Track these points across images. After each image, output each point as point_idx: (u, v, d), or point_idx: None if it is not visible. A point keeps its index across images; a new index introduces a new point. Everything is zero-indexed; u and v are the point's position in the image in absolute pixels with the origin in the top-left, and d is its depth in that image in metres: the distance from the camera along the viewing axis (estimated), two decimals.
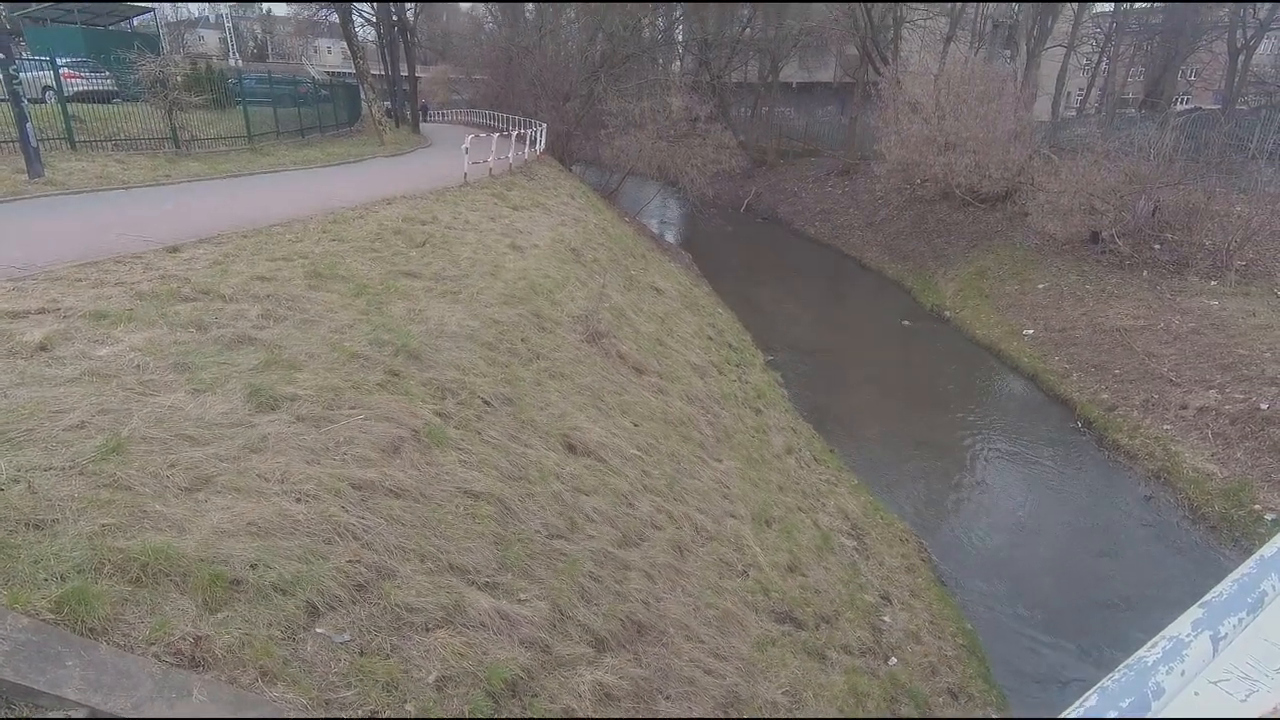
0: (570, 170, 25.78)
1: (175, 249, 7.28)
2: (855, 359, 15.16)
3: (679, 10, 32.96)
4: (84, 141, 13.64)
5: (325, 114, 23.70)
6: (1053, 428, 11.83)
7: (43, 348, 4.46)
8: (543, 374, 6.78)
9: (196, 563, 2.84)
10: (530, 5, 35.98)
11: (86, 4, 26.94)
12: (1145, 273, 15.61)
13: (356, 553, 3.36)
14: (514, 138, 18.97)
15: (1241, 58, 25.52)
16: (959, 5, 26.04)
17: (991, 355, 14.95)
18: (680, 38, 36.33)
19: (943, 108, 19.71)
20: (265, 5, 61.73)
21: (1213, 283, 14.65)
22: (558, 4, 32.13)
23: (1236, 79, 25.70)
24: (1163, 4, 27.80)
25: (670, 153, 22.55)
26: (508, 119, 26.28)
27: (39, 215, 8.79)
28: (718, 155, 23.23)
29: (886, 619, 5.93)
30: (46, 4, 25.06)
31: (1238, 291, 14.01)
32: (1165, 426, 10.80)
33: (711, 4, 32.04)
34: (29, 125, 10.46)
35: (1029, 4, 28.51)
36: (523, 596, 3.71)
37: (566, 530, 4.61)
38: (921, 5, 27.04)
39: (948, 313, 17.45)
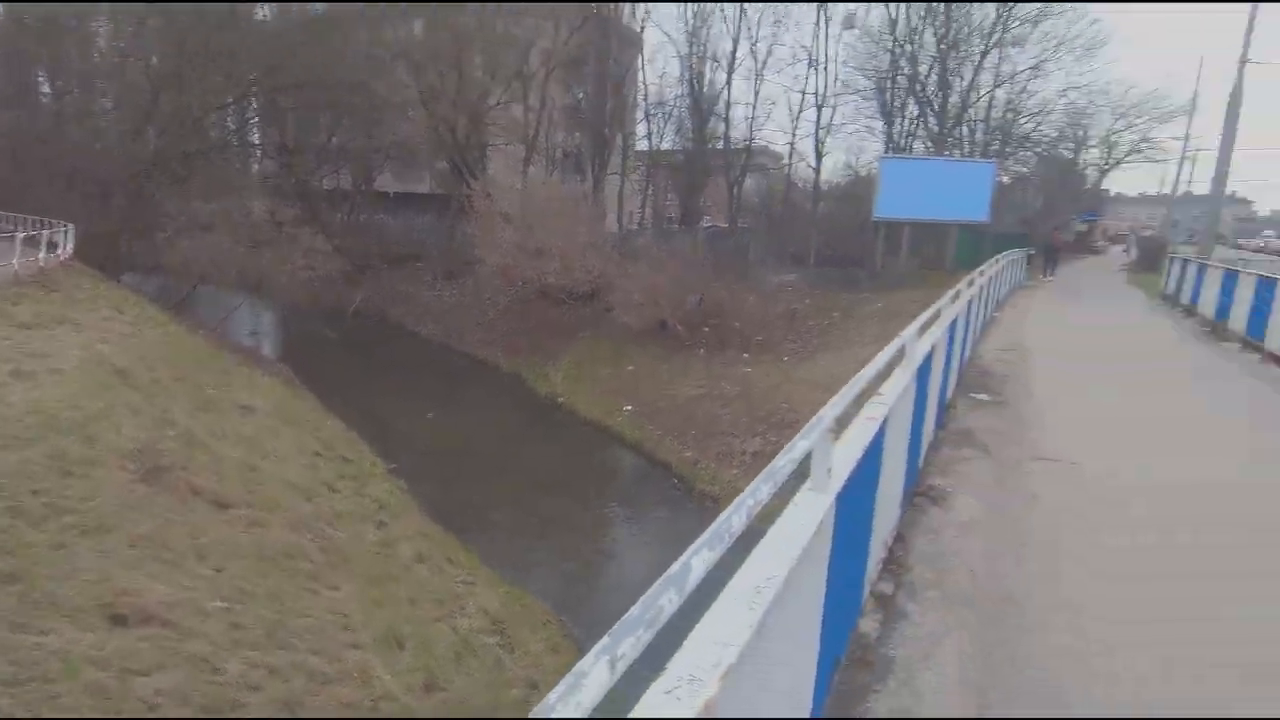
0: (119, 280, 21.21)
1: None
2: (484, 453, 15.20)
3: (250, 111, 30.75)
4: None
5: None
6: (658, 488, 13.46)
7: None
8: (70, 532, 5.13)
9: None
10: (46, 87, 29.56)
11: None
12: (701, 351, 19.28)
13: None
14: (19, 240, 14.88)
15: (735, 189, 34.54)
16: (532, 134, 29.81)
17: (600, 432, 16.53)
18: (257, 139, 33.73)
19: (529, 219, 21.95)
20: None
21: (744, 355, 18.81)
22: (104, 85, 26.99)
23: (734, 205, 34.60)
24: (681, 148, 36.25)
25: (253, 258, 20.30)
26: (15, 219, 20.60)
27: None
28: (311, 261, 21.77)
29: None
30: None
31: (759, 361, 18.23)
32: (734, 471, 13.20)
33: (290, 110, 30.65)
34: None
35: (590, 138, 34.23)
36: None
37: None
38: (502, 130, 30.18)
39: (560, 399, 18.89)
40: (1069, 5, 27.95)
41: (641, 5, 31.68)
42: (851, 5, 45.45)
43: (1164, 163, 40.47)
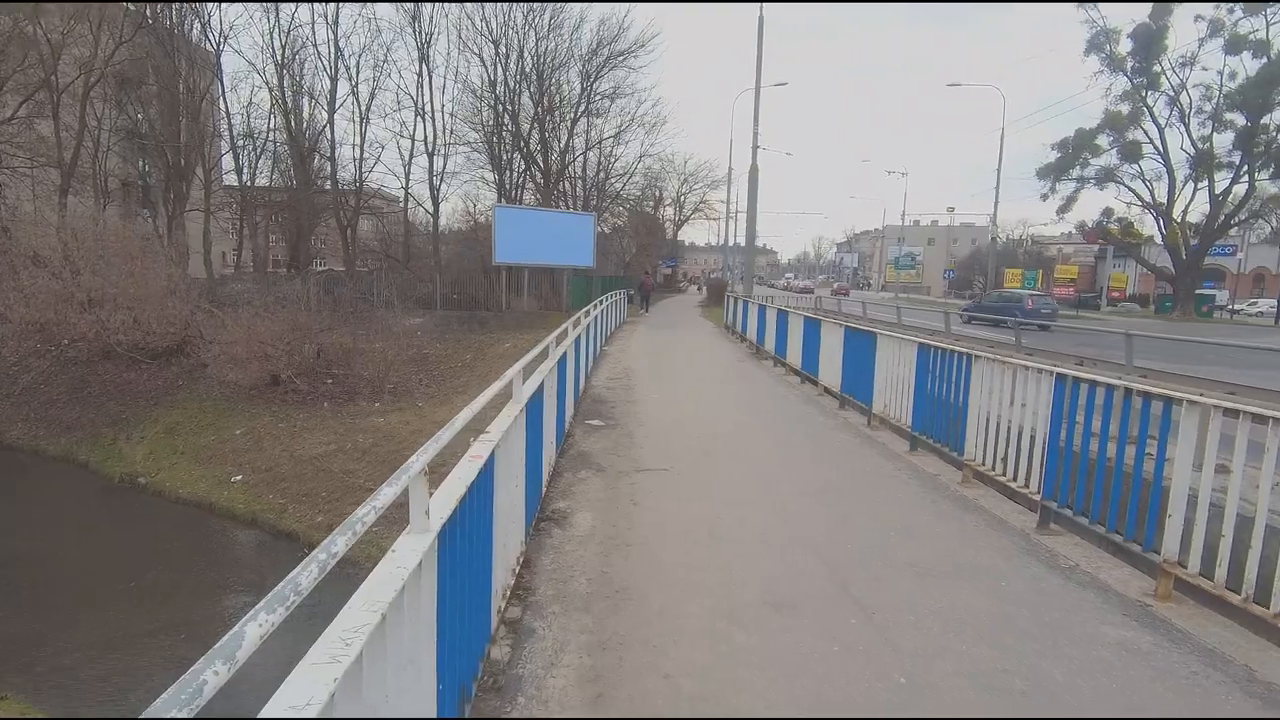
0: None
1: None
2: (30, 568, 11.51)
3: None
4: None
5: None
6: (285, 562, 11.81)
7: None
8: None
9: None
10: None
11: None
12: (326, 404, 17.67)
13: None
14: None
15: (350, 232, 32.71)
16: (70, 158, 23.91)
17: (205, 510, 13.96)
18: None
19: (76, 262, 17.55)
20: None
21: (376, 404, 17.84)
22: None
23: (351, 248, 32.73)
24: (284, 189, 32.85)
25: None
26: None
27: None
28: None
29: None
30: None
31: (394, 408, 17.50)
32: (376, 529, 12.30)
33: None
34: None
35: (161, 168, 28.74)
36: None
37: None
38: (21, 150, 23.52)
39: (143, 479, 15.42)
40: (642, 87, 34.16)
41: (215, 28, 28.18)
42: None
43: (718, 219, 51.85)
